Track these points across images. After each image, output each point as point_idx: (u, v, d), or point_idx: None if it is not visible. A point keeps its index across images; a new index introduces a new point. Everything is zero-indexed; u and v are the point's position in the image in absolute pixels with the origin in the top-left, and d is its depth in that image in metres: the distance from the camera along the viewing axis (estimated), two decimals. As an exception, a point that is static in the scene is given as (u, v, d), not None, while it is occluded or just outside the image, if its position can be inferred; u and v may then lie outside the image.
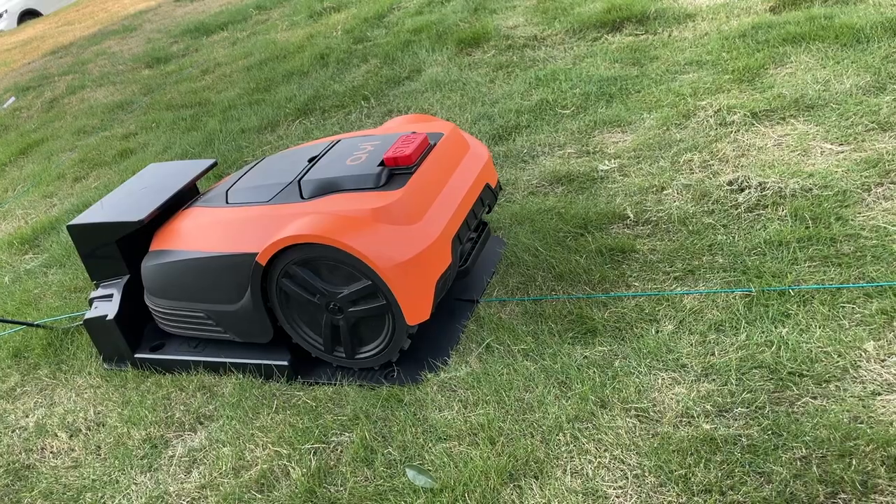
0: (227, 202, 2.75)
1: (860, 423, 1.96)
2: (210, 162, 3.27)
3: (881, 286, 2.38)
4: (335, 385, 2.62)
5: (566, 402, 2.27)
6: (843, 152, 3.14)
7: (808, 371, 2.16)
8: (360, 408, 2.46)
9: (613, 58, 4.68)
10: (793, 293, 2.46)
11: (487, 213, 2.83)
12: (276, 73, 6.42)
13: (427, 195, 2.48)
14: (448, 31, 6.04)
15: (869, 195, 2.84)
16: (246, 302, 2.59)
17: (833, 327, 2.30)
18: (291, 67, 6.40)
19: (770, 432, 2.01)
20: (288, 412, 2.55)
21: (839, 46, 3.94)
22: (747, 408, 2.10)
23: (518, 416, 2.27)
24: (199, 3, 11.19)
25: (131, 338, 2.97)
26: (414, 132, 2.67)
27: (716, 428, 2.06)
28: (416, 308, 2.38)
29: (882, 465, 1.84)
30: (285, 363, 2.68)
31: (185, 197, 3.08)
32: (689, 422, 2.11)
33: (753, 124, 3.51)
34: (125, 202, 3.06)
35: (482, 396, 2.37)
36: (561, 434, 2.17)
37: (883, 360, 2.15)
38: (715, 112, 3.68)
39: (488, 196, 2.76)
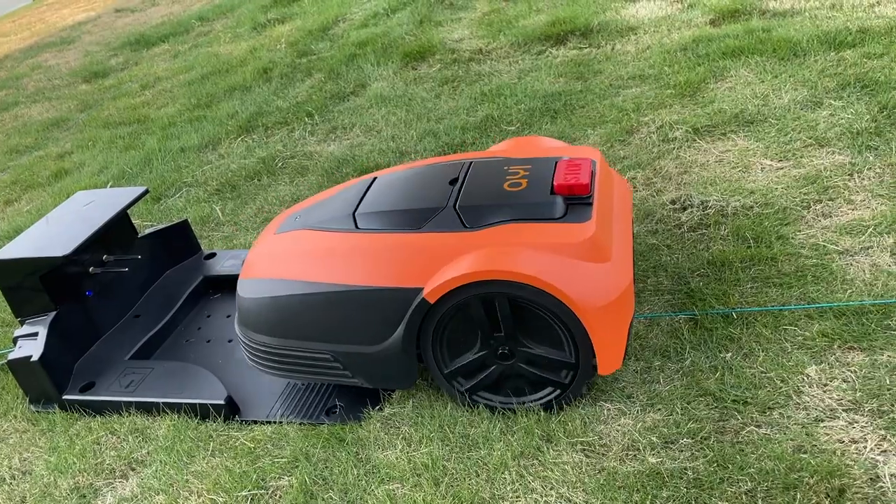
0: (357, 227, 2.42)
1: (804, 454, 1.95)
2: (141, 190, 3.14)
3: (822, 307, 2.39)
4: (275, 424, 2.52)
5: (511, 437, 2.21)
6: (782, 168, 3.16)
7: (752, 398, 2.15)
8: (300, 449, 2.37)
9: (558, 72, 4.67)
10: (736, 316, 2.45)
11: None
12: (218, 88, 6.26)
13: (608, 229, 2.25)
14: (393, 45, 5.97)
15: (808, 212, 2.86)
16: (393, 343, 2.25)
17: (776, 351, 2.29)
18: (234, 82, 6.25)
19: (716, 464, 1.98)
20: (225, 455, 2.44)
21: (777, 60, 3.99)
22: (692, 439, 2.07)
23: (463, 454, 2.20)
24: (140, 13, 10.91)
25: (59, 378, 2.82)
26: (571, 158, 2.41)
27: (661, 462, 2.03)
28: (611, 356, 2.11)
29: (827, 498, 1.82)
30: (221, 402, 2.57)
31: (114, 229, 2.94)
32: (634, 455, 2.07)
33: (695, 140, 3.52)
34: (49, 234, 2.91)
35: (426, 434, 2.30)
36: (506, 472, 2.11)
37: (825, 385, 2.14)
38: (658, 128, 3.68)
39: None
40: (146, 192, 3.15)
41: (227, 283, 3.34)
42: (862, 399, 2.06)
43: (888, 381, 2.09)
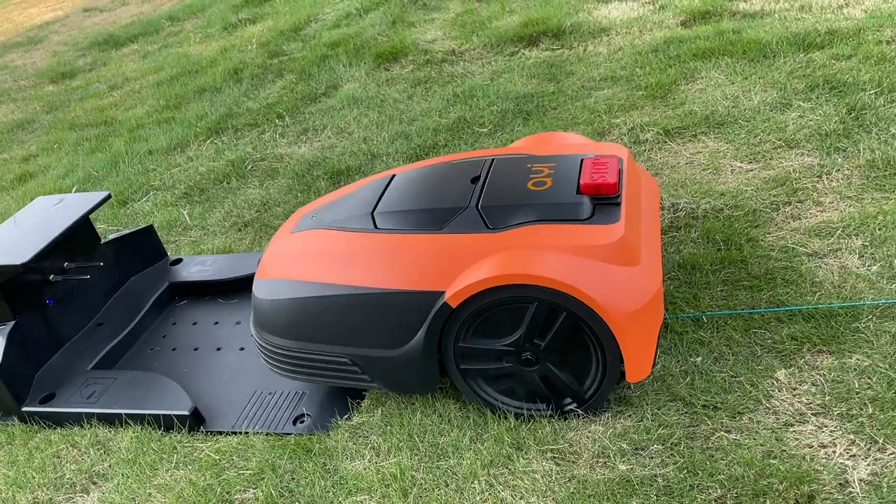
0: (376, 226, 2.35)
1: (773, 459, 1.94)
2: (103, 195, 3.06)
3: (791, 310, 2.38)
4: (241, 435, 2.46)
5: (481, 445, 2.18)
6: (752, 170, 3.16)
7: (722, 403, 2.13)
8: (266, 460, 2.32)
9: (530, 73, 4.65)
10: (706, 319, 2.44)
11: None
12: (188, 89, 6.17)
13: (637, 230, 2.17)
14: (366, 45, 5.92)
15: (778, 214, 2.86)
16: (413, 347, 2.18)
17: (746, 354, 2.28)
18: (204, 83, 6.16)
19: (686, 471, 1.96)
20: (189, 468, 2.38)
21: (747, 62, 4.00)
22: (663, 445, 2.06)
23: (432, 464, 2.17)
24: (109, 13, 10.74)
25: (18, 390, 2.74)
26: (598, 156, 2.34)
27: (632, 469, 2.00)
28: (640, 364, 2.04)
29: (795, 504, 1.81)
30: (186, 413, 2.51)
31: (76, 235, 2.87)
32: (605, 462, 2.05)
33: (666, 142, 3.52)
34: (7, 242, 2.83)
35: (395, 443, 2.26)
36: (476, 482, 2.08)
37: (794, 389, 2.13)
38: (629, 130, 3.67)
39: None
40: (108, 196, 3.07)
41: (194, 290, 3.27)
42: (831, 403, 2.06)
43: (857, 385, 2.09)
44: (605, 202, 2.18)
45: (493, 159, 2.50)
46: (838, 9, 4.39)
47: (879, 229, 2.62)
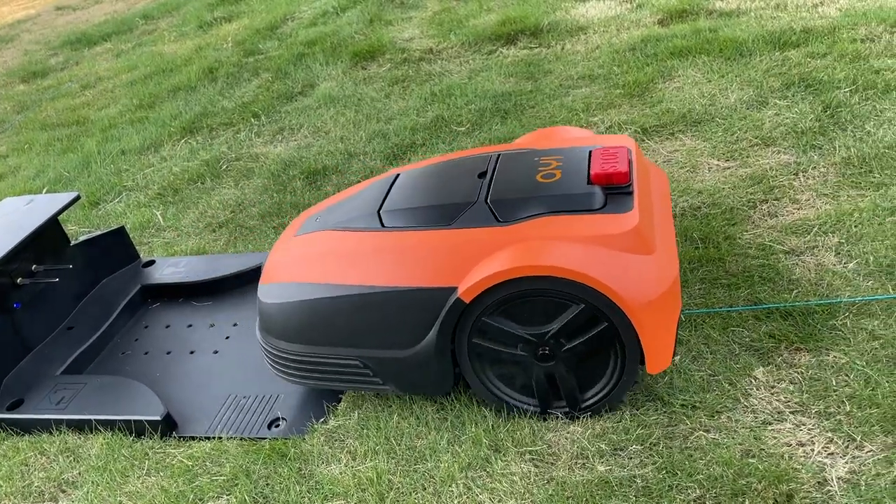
0: (383, 225, 2.29)
1: (752, 458, 1.93)
2: (72, 196, 2.99)
3: (769, 308, 2.38)
4: (214, 440, 2.41)
5: (459, 448, 2.15)
6: (729, 168, 3.16)
7: (700, 402, 2.12)
8: (240, 466, 2.27)
9: (508, 72, 4.63)
10: (684, 318, 2.43)
11: None
12: (162, 88, 6.07)
13: (650, 218, 2.13)
14: (343, 44, 5.87)
15: (755, 212, 2.86)
16: (426, 346, 2.13)
17: (724, 353, 2.27)
18: (178, 82, 6.07)
19: (664, 471, 1.95)
20: (161, 474, 2.32)
21: (724, 60, 4.01)
22: (641, 445, 2.04)
23: (409, 467, 2.13)
24: (82, 11, 10.57)
25: (-16, 396, 2.67)
26: (606, 146, 2.30)
27: (611, 470, 1.99)
28: (660, 355, 1.99)
29: None
30: (158, 418, 2.45)
31: (44, 237, 2.80)
32: (583, 464, 2.03)
33: (644, 140, 3.51)
34: (-27, 245, 2.76)
35: (372, 446, 2.23)
36: (454, 485, 2.05)
37: (772, 387, 2.13)
38: (607, 128, 3.66)
39: None
40: (77, 197, 3.01)
41: (167, 292, 3.21)
42: (809, 401, 2.06)
43: (834, 383, 2.08)
44: (616, 192, 2.14)
45: (498, 154, 2.46)
46: (813, 7, 4.42)
47: (855, 226, 2.63)
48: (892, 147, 2.98)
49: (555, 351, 2.08)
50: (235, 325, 2.95)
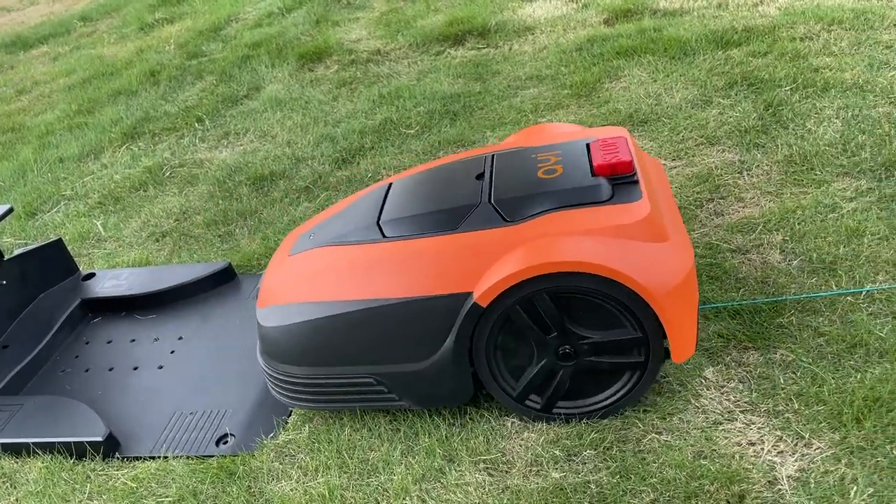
0: (384, 235, 2.20)
1: (704, 459, 1.94)
2: (4, 208, 2.87)
3: (717, 307, 2.40)
4: (160, 460, 2.33)
5: (413, 459, 2.12)
6: (676, 167, 3.19)
7: (652, 405, 2.13)
8: (186, 486, 2.20)
9: (456, 73, 4.60)
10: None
11: None
12: (102, 92, 5.89)
13: (659, 206, 2.09)
14: (289, 45, 5.77)
15: (701, 211, 2.89)
16: (443, 356, 2.05)
17: (675, 353, 2.28)
18: (119, 86, 5.89)
19: (618, 476, 1.94)
20: (104, 497, 2.23)
21: (668, 59, 4.05)
22: (595, 450, 2.03)
23: (362, 481, 2.09)
24: (17, 12, 10.20)
25: (-88, 423, 2.53)
26: (603, 137, 2.26)
27: (565, 476, 1.98)
28: (684, 343, 1.95)
29: (726, 505, 1.81)
30: (99, 439, 2.36)
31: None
32: (538, 471, 2.01)
33: (593, 141, 3.52)
34: None
35: (323, 461, 2.17)
36: (408, 498, 2.01)
37: (722, 387, 2.15)
38: (556, 129, 3.66)
39: None
40: (11, 210, 2.88)
41: (108, 306, 3.10)
42: (758, 400, 2.08)
43: (782, 381, 2.11)
44: (622, 181, 2.11)
45: (493, 155, 2.41)
46: (753, 6, 4.50)
47: (798, 224, 2.68)
48: (832, 144, 3.04)
49: (576, 349, 2.04)
50: (181, 338, 2.86)
